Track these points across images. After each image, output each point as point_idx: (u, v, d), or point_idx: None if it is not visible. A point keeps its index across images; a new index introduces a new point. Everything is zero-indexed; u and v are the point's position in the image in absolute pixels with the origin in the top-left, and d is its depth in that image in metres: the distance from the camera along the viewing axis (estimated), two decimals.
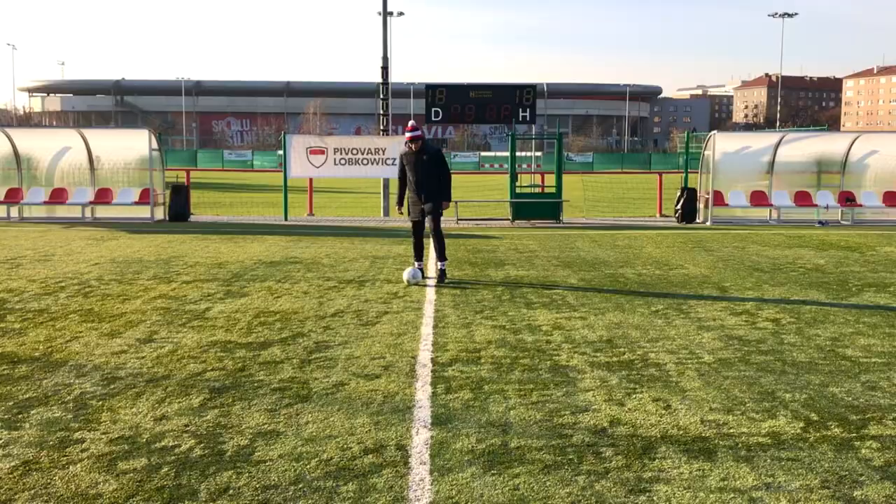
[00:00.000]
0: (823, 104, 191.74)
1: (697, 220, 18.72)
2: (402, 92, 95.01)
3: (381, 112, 22.48)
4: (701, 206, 18.81)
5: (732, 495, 3.71)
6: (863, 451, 4.28)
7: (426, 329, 7.17)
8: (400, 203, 10.34)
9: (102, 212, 18.60)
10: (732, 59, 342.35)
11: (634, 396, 5.21)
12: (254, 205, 24.38)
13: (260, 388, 5.33)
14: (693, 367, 5.92)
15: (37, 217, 18.51)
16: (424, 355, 6.24)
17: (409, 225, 10.29)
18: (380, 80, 22.60)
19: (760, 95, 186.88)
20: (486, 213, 21.05)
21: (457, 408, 4.95)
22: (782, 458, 4.16)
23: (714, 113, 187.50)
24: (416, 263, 10.05)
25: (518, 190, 19.47)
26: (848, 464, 4.10)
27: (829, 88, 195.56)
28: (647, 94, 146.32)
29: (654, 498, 3.68)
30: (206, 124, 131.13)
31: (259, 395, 5.17)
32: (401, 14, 54.19)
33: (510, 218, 19.03)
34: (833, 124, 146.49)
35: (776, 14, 78.49)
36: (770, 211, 18.92)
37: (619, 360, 6.11)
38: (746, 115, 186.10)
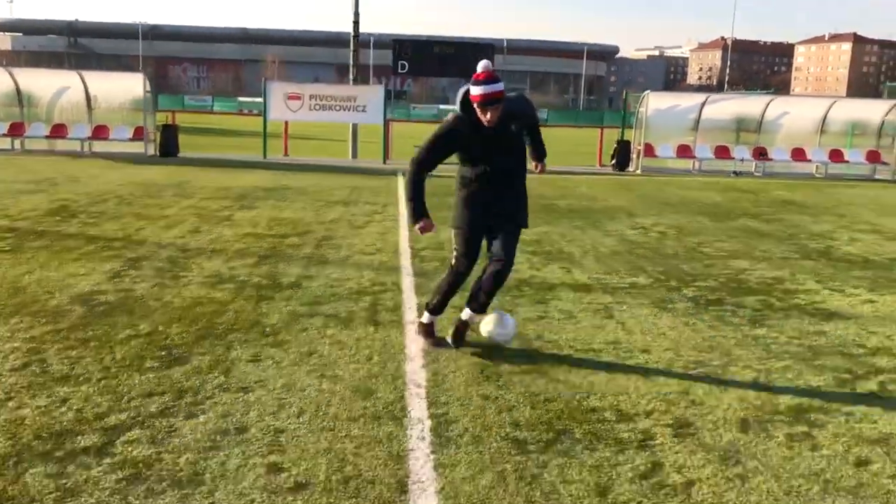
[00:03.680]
0: (776, 69, 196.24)
1: (630, 169, 21.32)
2: (363, 43, 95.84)
3: (352, 63, 24.49)
4: (634, 156, 21.41)
5: (596, 305, 6.23)
6: (684, 290, 6.85)
7: (403, 232, 9.56)
8: (419, 215, 5.00)
9: (99, 147, 20.47)
10: (690, 21, 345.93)
11: (547, 267, 7.70)
12: (224, 147, 26.28)
13: (292, 257, 7.70)
14: (592, 255, 8.44)
15: (37, 150, 20.32)
16: (404, 245, 8.67)
17: (379, 165, 12.34)
18: (350, 32, 24.50)
19: (715, 58, 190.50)
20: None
21: (429, 269, 7.39)
22: (632, 293, 6.70)
23: (669, 74, 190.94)
24: (427, 316, 5.19)
25: None
26: (671, 296, 6.66)
27: (782, 54, 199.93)
28: (605, 54, 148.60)
29: (550, 305, 6.17)
30: (162, 69, 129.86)
31: (293, 261, 7.54)
32: None
33: None
34: (783, 89, 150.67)
35: None
36: (693, 162, 21.60)
37: (542, 250, 8.60)
38: (700, 78, 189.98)
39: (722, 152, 21.67)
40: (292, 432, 3.63)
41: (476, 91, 4.65)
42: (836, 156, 21.85)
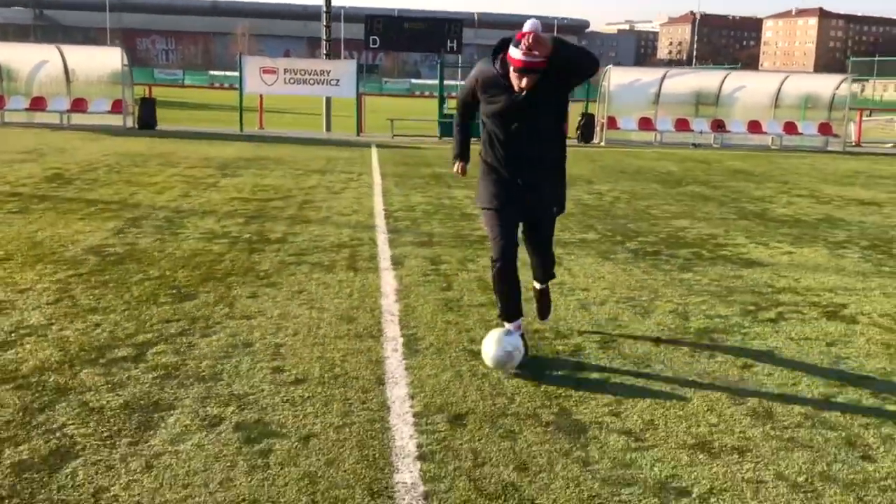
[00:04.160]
0: (744, 43, 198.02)
1: (594, 141, 22.23)
2: (333, 16, 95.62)
3: (325, 38, 25.05)
4: (598, 129, 22.31)
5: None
6: (627, 244, 7.76)
7: (378, 198, 10.37)
8: (462, 156, 5.12)
9: (78, 119, 20.95)
10: None
11: None
12: (199, 120, 26.79)
13: (277, 218, 8.48)
14: None
15: (17, 122, 20.75)
16: (378, 207, 9.48)
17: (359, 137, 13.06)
18: (321, 5, 25.05)
19: (685, 33, 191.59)
20: (417, 130, 24.10)
21: (402, 227, 8.23)
22: (582, 246, 7.59)
23: (640, 49, 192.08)
24: (506, 324, 4.49)
25: (446, 111, 22.53)
26: (615, 248, 7.56)
27: (750, 28, 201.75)
28: (576, 28, 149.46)
29: None
30: (130, 42, 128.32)
31: (278, 220, 8.33)
32: None
33: (438, 135, 22.14)
34: (751, 63, 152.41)
35: None
36: (654, 134, 22.57)
37: None
38: (671, 52, 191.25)
39: (682, 125, 22.65)
40: (290, 346, 4.46)
41: (517, 55, 3.94)
42: (790, 128, 22.93)
